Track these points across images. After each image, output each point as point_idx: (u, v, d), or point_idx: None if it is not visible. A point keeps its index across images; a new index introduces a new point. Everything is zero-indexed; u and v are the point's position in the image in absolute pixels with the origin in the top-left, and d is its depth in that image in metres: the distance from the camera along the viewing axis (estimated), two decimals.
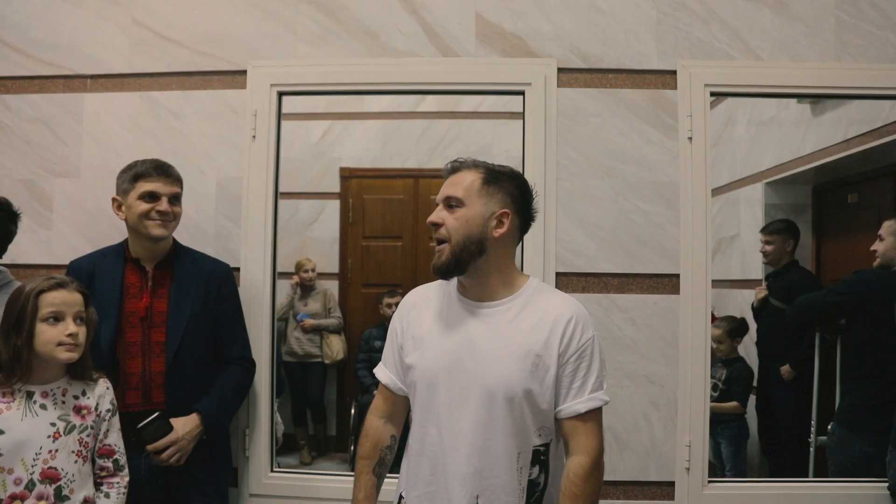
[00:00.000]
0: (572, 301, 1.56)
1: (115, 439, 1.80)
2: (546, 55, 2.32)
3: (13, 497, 1.59)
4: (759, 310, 3.32)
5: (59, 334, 1.66)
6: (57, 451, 1.66)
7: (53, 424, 1.67)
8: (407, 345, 1.61)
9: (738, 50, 2.29)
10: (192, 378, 2.02)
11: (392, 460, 1.67)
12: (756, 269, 3.64)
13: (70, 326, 1.67)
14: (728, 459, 3.15)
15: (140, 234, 2.03)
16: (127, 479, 1.82)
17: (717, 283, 3.72)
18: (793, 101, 3.33)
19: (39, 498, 1.62)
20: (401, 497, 1.61)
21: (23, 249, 2.36)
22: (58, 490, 1.65)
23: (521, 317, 1.51)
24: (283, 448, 4.34)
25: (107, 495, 1.77)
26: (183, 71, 2.41)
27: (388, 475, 1.68)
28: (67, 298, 1.69)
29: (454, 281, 1.59)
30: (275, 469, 2.34)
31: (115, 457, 1.80)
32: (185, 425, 1.97)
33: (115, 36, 2.43)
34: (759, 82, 2.27)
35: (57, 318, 1.67)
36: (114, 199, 2.06)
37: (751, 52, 2.29)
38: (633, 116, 2.30)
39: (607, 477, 2.23)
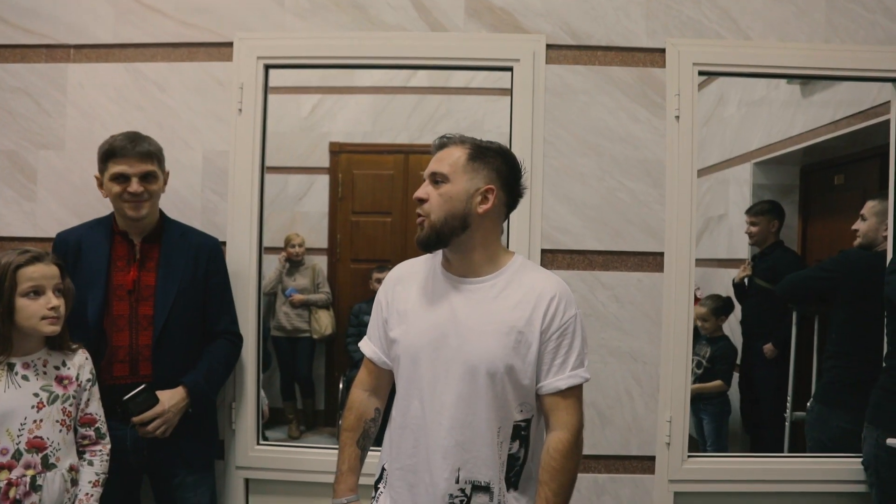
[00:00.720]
0: (556, 279, 1.57)
1: (96, 408, 1.84)
2: (535, 31, 2.31)
3: (0, 466, 1.61)
4: (741, 287, 3.36)
5: (41, 308, 1.68)
6: (42, 420, 1.68)
7: (37, 395, 1.69)
8: (391, 319, 1.62)
9: (728, 29, 2.29)
10: (179, 351, 2.02)
11: (376, 433, 1.70)
12: (743, 249, 3.67)
13: (52, 300, 1.69)
14: (710, 435, 3.20)
15: (120, 213, 2.03)
16: (109, 446, 1.85)
17: (704, 262, 3.77)
18: (783, 81, 3.33)
19: (27, 467, 1.65)
20: (383, 469, 1.63)
21: (6, 222, 2.36)
22: (44, 458, 1.68)
23: (505, 294, 1.52)
24: (272, 422, 4.37)
25: (90, 463, 1.80)
26: (168, 42, 2.38)
27: (371, 448, 1.70)
28: (46, 272, 1.70)
29: (439, 255, 1.60)
30: (261, 442, 2.36)
31: (96, 425, 1.83)
32: (171, 398, 1.98)
33: (99, 5, 2.38)
34: (748, 62, 2.26)
35: (37, 291, 1.68)
36: (96, 177, 2.05)
37: (741, 31, 2.29)
38: (621, 94, 2.30)
39: (589, 451, 2.29)
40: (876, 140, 2.97)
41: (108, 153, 1.99)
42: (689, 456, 2.29)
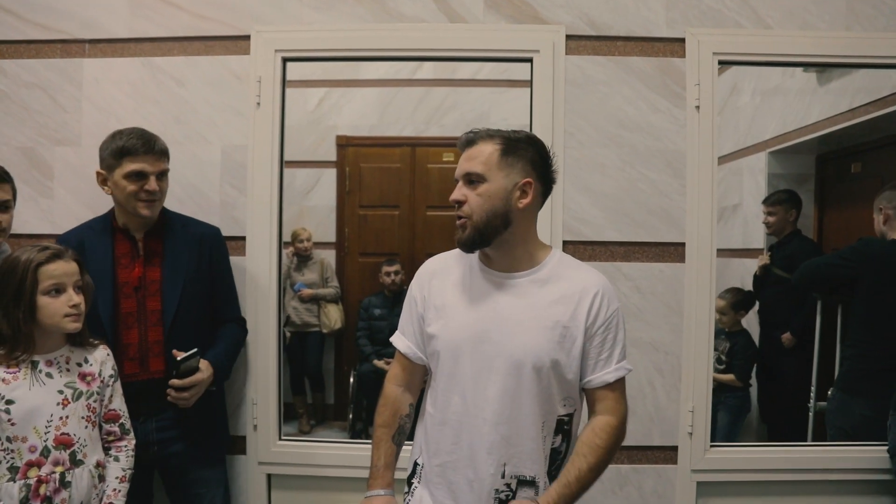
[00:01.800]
0: (597, 274, 1.57)
1: (119, 404, 1.83)
2: (555, 21, 2.29)
3: (29, 464, 1.61)
4: (761, 278, 3.35)
5: (62, 305, 1.67)
6: (67, 417, 1.68)
7: (61, 392, 1.68)
8: (429, 314, 1.60)
9: (748, 18, 2.27)
10: (190, 344, 1.99)
11: (410, 428, 1.69)
12: (758, 239, 3.66)
13: (73, 297, 1.68)
14: (722, 428, 3.19)
15: (127, 211, 2.00)
16: (133, 442, 1.85)
17: (719, 252, 3.75)
18: (798, 69, 3.31)
19: (56, 463, 1.64)
20: (416, 464, 1.63)
21: (24, 219, 2.34)
22: (72, 455, 1.67)
23: (548, 288, 1.52)
24: (282, 416, 4.38)
25: (116, 459, 1.80)
26: (184, 36, 2.36)
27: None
28: (66, 269, 1.69)
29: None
30: (282, 438, 2.36)
31: (120, 421, 1.83)
32: (205, 370, 1.98)
33: None
34: (768, 51, 2.25)
35: (59, 289, 1.67)
36: (98, 174, 2.01)
37: (760, 20, 2.27)
38: (641, 84, 2.28)
39: None
40: (894, 128, 2.96)
41: (123, 150, 1.96)
42: (711, 445, 2.29)
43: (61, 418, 1.66)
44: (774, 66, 2.34)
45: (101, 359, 1.79)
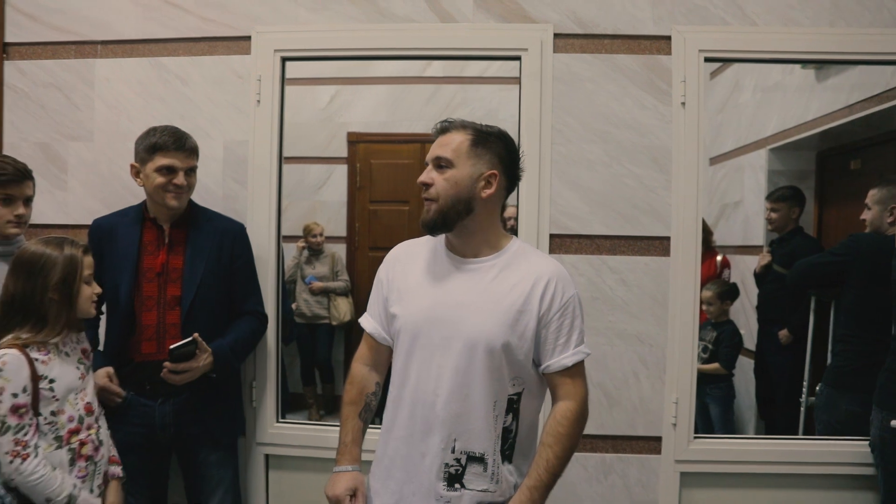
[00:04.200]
0: (553, 261, 1.64)
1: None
2: (543, 20, 2.35)
3: (71, 431, 1.78)
4: (762, 276, 3.37)
5: (91, 293, 1.85)
6: (86, 388, 1.85)
7: (78, 367, 1.84)
8: (392, 296, 1.68)
9: (734, 15, 2.31)
10: (205, 330, 2.11)
11: (377, 406, 1.77)
12: (758, 235, 3.67)
13: (97, 286, 1.86)
14: (716, 420, 3.23)
15: (156, 202, 2.13)
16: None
17: (720, 249, 3.78)
18: (797, 66, 3.32)
19: (89, 427, 1.82)
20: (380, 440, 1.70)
21: (40, 210, 2.47)
22: (96, 419, 1.86)
23: (504, 274, 1.59)
24: (293, 407, 4.49)
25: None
26: (189, 37, 2.48)
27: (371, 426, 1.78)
28: (89, 261, 1.86)
29: (442, 236, 1.67)
30: (280, 420, 2.47)
31: (112, 392, 2.04)
32: (202, 357, 2.08)
33: (124, 2, 2.49)
34: (754, 48, 2.29)
35: (90, 279, 1.85)
36: (132, 166, 2.15)
37: (746, 17, 2.31)
38: (627, 82, 2.34)
39: (596, 431, 2.35)
40: (892, 124, 2.96)
41: (156, 146, 2.09)
42: (695, 437, 2.34)
43: (83, 389, 1.84)
44: (760, 62, 2.37)
45: (83, 338, 1.94)
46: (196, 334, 2.04)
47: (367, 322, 1.76)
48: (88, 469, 1.80)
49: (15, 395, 1.67)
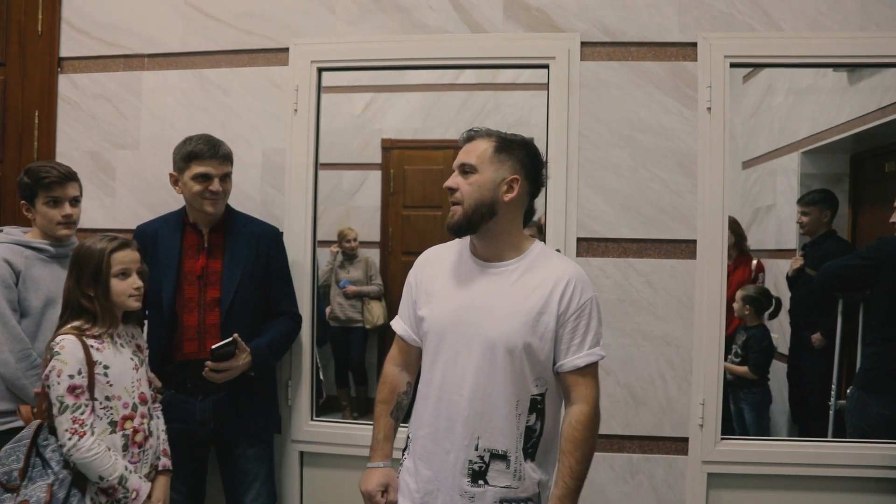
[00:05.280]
0: (572, 264, 1.69)
1: (149, 371, 2.09)
2: (570, 29, 2.41)
3: (125, 418, 1.89)
4: (794, 279, 3.35)
5: (128, 287, 1.92)
6: (140, 379, 1.96)
7: (132, 359, 1.95)
8: (420, 299, 1.76)
9: (760, 21, 2.33)
10: (243, 330, 2.20)
11: (408, 404, 1.83)
12: (791, 239, 3.64)
13: (136, 280, 1.94)
14: (751, 424, 3.22)
15: (195, 208, 2.24)
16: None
17: (753, 253, 3.76)
18: (829, 69, 3.30)
19: (142, 417, 1.93)
20: (408, 437, 1.77)
21: (90, 215, 2.61)
22: (148, 410, 1.97)
23: (526, 277, 1.64)
24: (327, 408, 4.57)
25: (157, 416, 2.06)
26: (231, 49, 2.60)
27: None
28: (132, 256, 1.95)
29: (467, 240, 1.73)
30: (314, 418, 2.56)
31: (154, 385, 2.10)
32: (242, 357, 2.18)
33: (169, 17, 2.62)
34: (780, 52, 2.31)
35: (125, 273, 1.92)
36: (171, 175, 2.26)
37: (772, 23, 2.33)
38: (653, 88, 2.38)
39: (623, 431, 2.39)
40: None
41: (192, 155, 2.20)
42: (722, 438, 2.35)
43: (138, 380, 1.95)
44: (787, 66, 2.39)
45: (139, 333, 2.06)
46: (236, 334, 2.13)
47: (397, 324, 1.84)
48: (140, 456, 1.90)
49: (71, 377, 1.79)
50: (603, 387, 2.36)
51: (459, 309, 1.66)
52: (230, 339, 2.12)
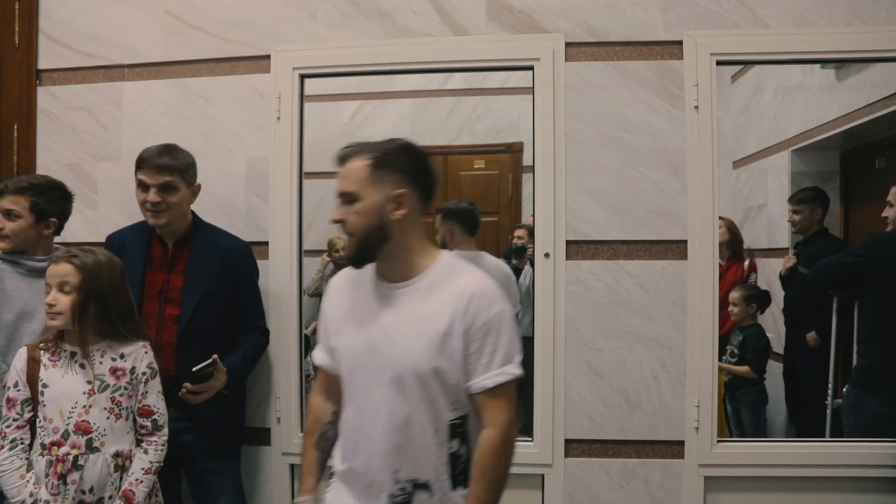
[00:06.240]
0: (479, 277, 1.56)
1: (154, 400, 1.94)
2: (554, 30, 2.39)
3: (52, 443, 1.81)
4: (787, 278, 3.33)
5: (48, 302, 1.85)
6: (90, 406, 1.84)
7: (90, 382, 1.85)
8: (330, 328, 1.66)
9: (745, 18, 2.32)
10: (201, 348, 2.10)
11: (334, 435, 1.71)
12: (783, 238, 3.62)
13: (52, 296, 1.84)
14: (748, 425, 3.19)
15: None
16: (165, 437, 1.95)
17: (746, 254, 3.74)
18: (817, 67, 3.29)
19: (73, 447, 1.81)
20: (331, 472, 1.69)
21: (72, 228, 2.54)
22: (89, 441, 1.83)
23: (430, 296, 1.53)
24: (304, 410, 4.52)
25: (145, 451, 1.91)
26: (212, 58, 2.56)
27: None
28: (57, 271, 1.85)
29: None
30: (304, 430, 2.50)
31: (153, 417, 1.93)
32: (220, 376, 2.12)
33: (149, 26, 2.59)
34: (766, 49, 2.29)
35: (48, 287, 1.86)
36: None
37: (758, 19, 2.31)
38: (639, 87, 2.35)
39: (617, 436, 2.35)
40: None
41: (138, 162, 2.16)
42: (718, 441, 2.32)
43: (84, 406, 1.83)
44: (772, 63, 2.38)
45: (137, 356, 1.92)
46: (216, 356, 2.07)
47: (318, 355, 1.73)
48: (59, 488, 1.79)
49: (7, 388, 1.80)
50: (596, 391, 2.35)
51: (367, 337, 1.56)
52: (210, 360, 2.06)
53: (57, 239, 2.34)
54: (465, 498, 1.53)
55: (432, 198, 1.59)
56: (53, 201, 2.22)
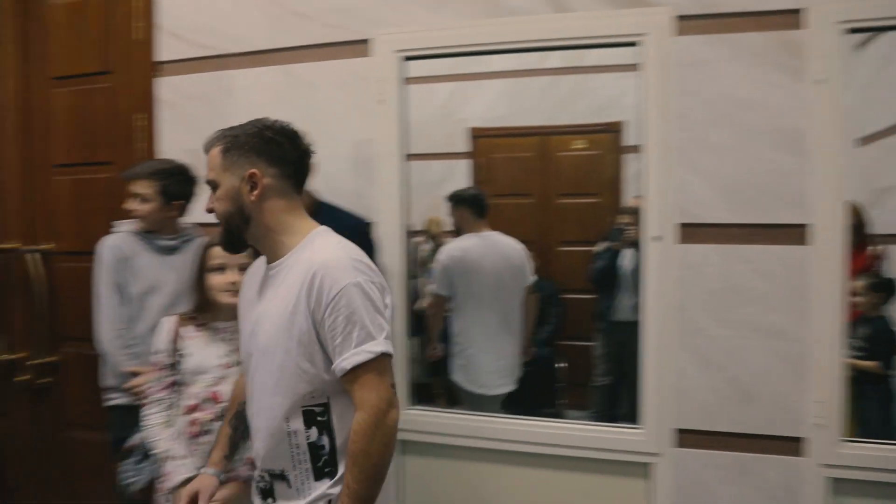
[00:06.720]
0: (326, 251, 1.49)
1: None
2: (661, 3, 2.26)
3: (190, 408, 1.96)
4: None
5: (222, 282, 1.97)
6: (223, 378, 1.98)
7: (226, 356, 1.99)
8: (240, 314, 1.71)
9: None
10: None
11: None
12: None
13: (232, 276, 1.97)
14: (873, 422, 2.96)
15: None
16: None
17: (873, 240, 3.45)
18: None
19: (205, 412, 1.97)
20: None
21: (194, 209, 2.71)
22: (219, 410, 1.97)
23: (289, 275, 1.50)
24: (423, 397, 4.60)
25: None
26: (315, 43, 2.61)
27: None
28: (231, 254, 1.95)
29: None
30: (412, 406, 2.58)
31: None
32: None
33: (255, 16, 2.67)
34: None
35: (222, 268, 1.97)
36: None
37: None
38: (755, 61, 2.19)
39: (730, 428, 2.23)
40: None
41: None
42: (843, 440, 2.16)
43: (218, 378, 1.98)
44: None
45: None
46: None
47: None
48: (190, 448, 1.95)
49: (155, 353, 2.00)
50: (708, 380, 2.23)
51: (250, 323, 1.58)
52: None
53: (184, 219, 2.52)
54: (333, 489, 1.49)
55: (303, 173, 1.58)
56: (179, 185, 2.40)
